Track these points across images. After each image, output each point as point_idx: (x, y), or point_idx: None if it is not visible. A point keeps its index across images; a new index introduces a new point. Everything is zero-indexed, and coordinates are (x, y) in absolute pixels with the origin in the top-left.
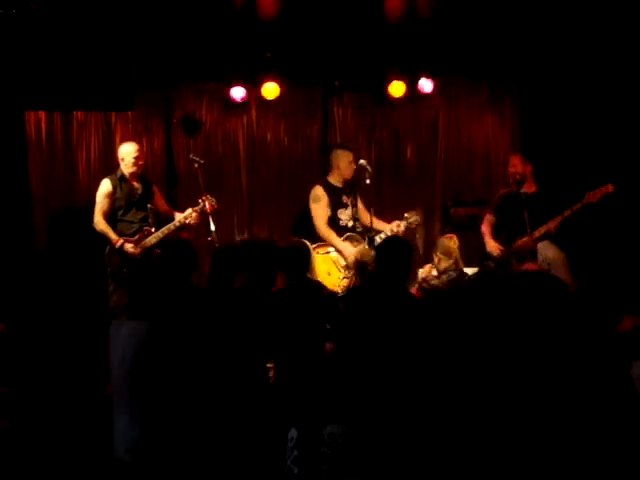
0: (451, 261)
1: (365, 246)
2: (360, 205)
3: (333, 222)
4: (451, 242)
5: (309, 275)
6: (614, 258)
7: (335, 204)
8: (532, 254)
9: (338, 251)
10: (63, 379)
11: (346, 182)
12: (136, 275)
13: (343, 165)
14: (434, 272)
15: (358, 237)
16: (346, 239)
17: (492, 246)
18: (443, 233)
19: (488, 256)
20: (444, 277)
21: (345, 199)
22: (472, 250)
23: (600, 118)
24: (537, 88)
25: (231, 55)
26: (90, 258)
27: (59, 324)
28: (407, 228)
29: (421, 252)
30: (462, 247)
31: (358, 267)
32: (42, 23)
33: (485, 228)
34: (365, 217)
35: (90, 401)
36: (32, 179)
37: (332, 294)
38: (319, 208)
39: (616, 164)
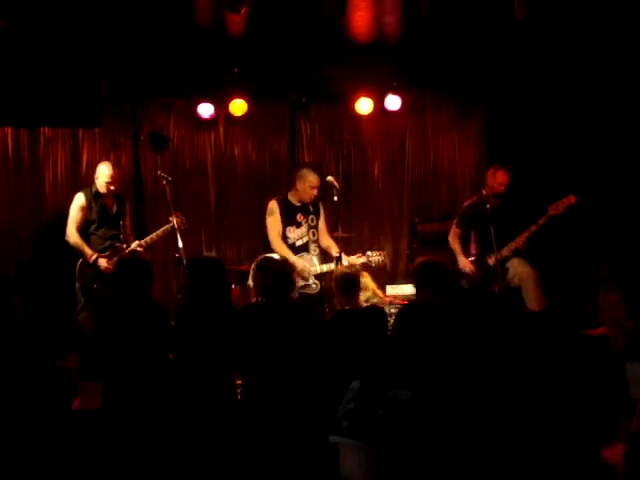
0: (369, 293)
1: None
2: (322, 226)
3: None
4: (362, 278)
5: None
6: (582, 272)
7: (286, 221)
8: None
9: None
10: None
11: (309, 203)
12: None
13: (301, 187)
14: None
15: (310, 258)
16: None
17: (464, 264)
18: (411, 250)
19: (459, 273)
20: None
21: (300, 218)
22: None
23: (566, 132)
24: (503, 103)
25: (199, 71)
26: (58, 274)
27: (25, 339)
28: (365, 264)
29: (388, 269)
30: None
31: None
32: (9, 39)
33: (455, 244)
34: (324, 240)
35: (55, 419)
36: None
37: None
38: (272, 221)
39: (581, 177)
